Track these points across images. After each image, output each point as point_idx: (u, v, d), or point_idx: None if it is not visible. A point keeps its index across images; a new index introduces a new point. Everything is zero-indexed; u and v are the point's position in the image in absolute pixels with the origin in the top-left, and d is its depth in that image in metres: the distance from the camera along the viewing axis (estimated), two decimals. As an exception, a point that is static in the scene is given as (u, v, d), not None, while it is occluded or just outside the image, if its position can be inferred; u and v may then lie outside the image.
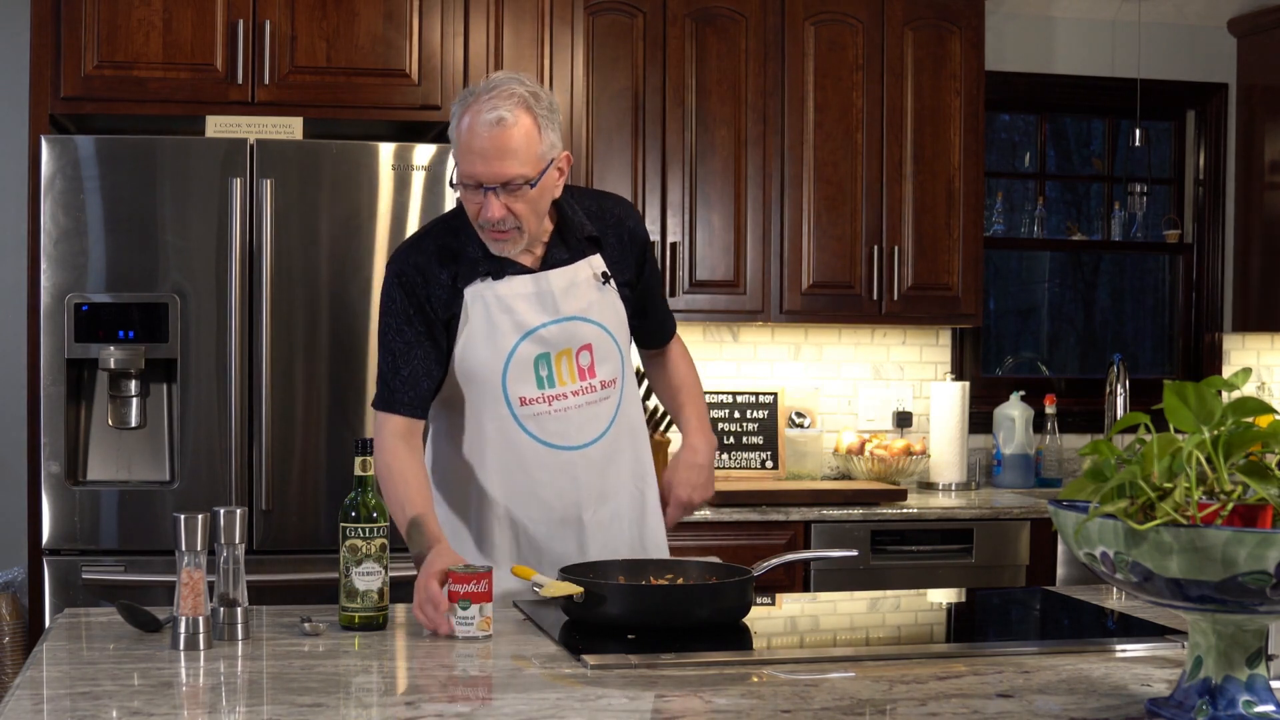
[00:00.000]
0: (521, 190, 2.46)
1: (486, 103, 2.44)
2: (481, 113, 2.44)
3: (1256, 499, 1.66)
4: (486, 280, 2.55)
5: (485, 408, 2.60)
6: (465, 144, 2.46)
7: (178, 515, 2.14)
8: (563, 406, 2.60)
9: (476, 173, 2.45)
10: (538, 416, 2.59)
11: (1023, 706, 1.84)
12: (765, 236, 4.47)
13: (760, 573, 2.43)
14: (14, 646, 3.92)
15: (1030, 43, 5.07)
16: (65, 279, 3.60)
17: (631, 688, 1.92)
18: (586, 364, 2.61)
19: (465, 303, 2.55)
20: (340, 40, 3.79)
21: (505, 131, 2.43)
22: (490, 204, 2.45)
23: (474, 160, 2.45)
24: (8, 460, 4.31)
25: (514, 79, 2.49)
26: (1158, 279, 5.41)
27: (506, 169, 2.44)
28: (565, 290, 2.58)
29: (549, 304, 2.57)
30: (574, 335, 2.60)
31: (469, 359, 2.57)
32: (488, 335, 2.55)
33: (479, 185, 2.45)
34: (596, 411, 2.63)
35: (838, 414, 4.88)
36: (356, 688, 1.93)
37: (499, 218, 2.46)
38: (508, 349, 2.55)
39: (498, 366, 2.56)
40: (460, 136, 2.47)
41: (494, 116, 2.43)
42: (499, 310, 2.55)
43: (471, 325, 2.55)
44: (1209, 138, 5.24)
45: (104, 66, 3.71)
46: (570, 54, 3.95)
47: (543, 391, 2.59)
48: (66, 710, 1.78)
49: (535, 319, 2.56)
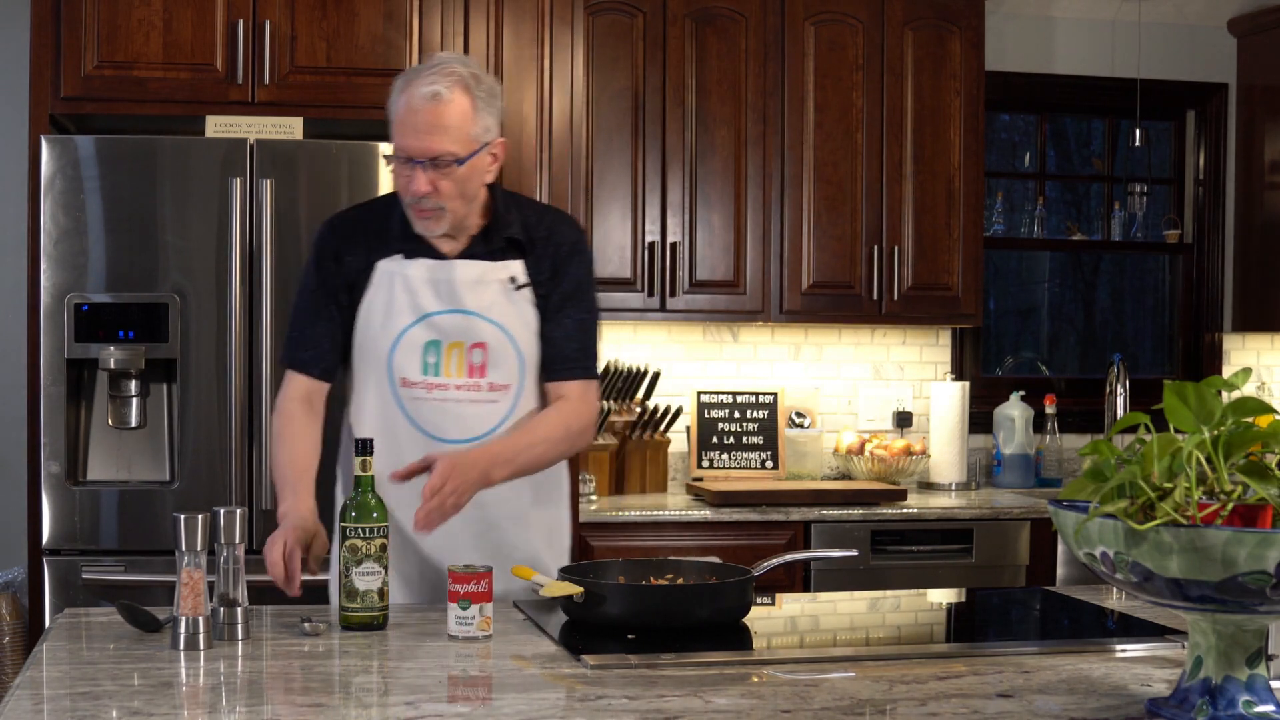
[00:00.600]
0: (450, 168, 2.48)
1: (426, 78, 2.48)
2: (419, 88, 2.47)
3: (1256, 499, 1.66)
4: (398, 258, 2.59)
5: (370, 382, 2.63)
6: (400, 118, 2.49)
7: (178, 515, 2.14)
8: (443, 397, 2.60)
9: (408, 146, 2.48)
10: (416, 401, 2.60)
11: (1023, 706, 1.84)
12: (765, 236, 4.47)
13: (760, 573, 2.43)
14: (14, 646, 3.92)
15: (1030, 43, 5.07)
16: (65, 279, 3.61)
17: (631, 688, 1.92)
18: (478, 362, 2.60)
19: (374, 275, 2.59)
20: (340, 40, 3.79)
21: (439, 107, 2.46)
22: (417, 178, 2.48)
23: (406, 134, 2.48)
24: (8, 460, 4.31)
25: (457, 59, 2.53)
26: (1158, 279, 5.41)
27: (436, 144, 2.47)
28: (470, 284, 2.58)
29: (446, 293, 2.58)
30: (468, 330, 2.59)
31: (364, 330, 2.61)
32: (385, 311, 2.59)
33: (409, 159, 2.48)
34: (480, 411, 2.60)
35: (838, 414, 4.88)
36: (356, 688, 1.93)
37: (425, 191, 2.48)
38: (400, 328, 2.58)
39: (387, 343, 2.59)
40: (396, 111, 2.50)
41: (430, 91, 2.46)
42: (401, 289, 2.58)
43: (373, 298, 2.59)
44: (1209, 138, 5.24)
45: (104, 66, 3.71)
46: (570, 54, 3.95)
47: (425, 378, 2.60)
48: (66, 710, 1.78)
49: (432, 305, 2.58)
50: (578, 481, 4.00)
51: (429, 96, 2.46)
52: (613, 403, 4.46)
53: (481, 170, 2.55)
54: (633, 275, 4.37)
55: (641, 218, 4.38)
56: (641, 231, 4.38)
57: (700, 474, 4.63)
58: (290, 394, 2.64)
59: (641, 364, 4.58)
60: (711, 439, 4.66)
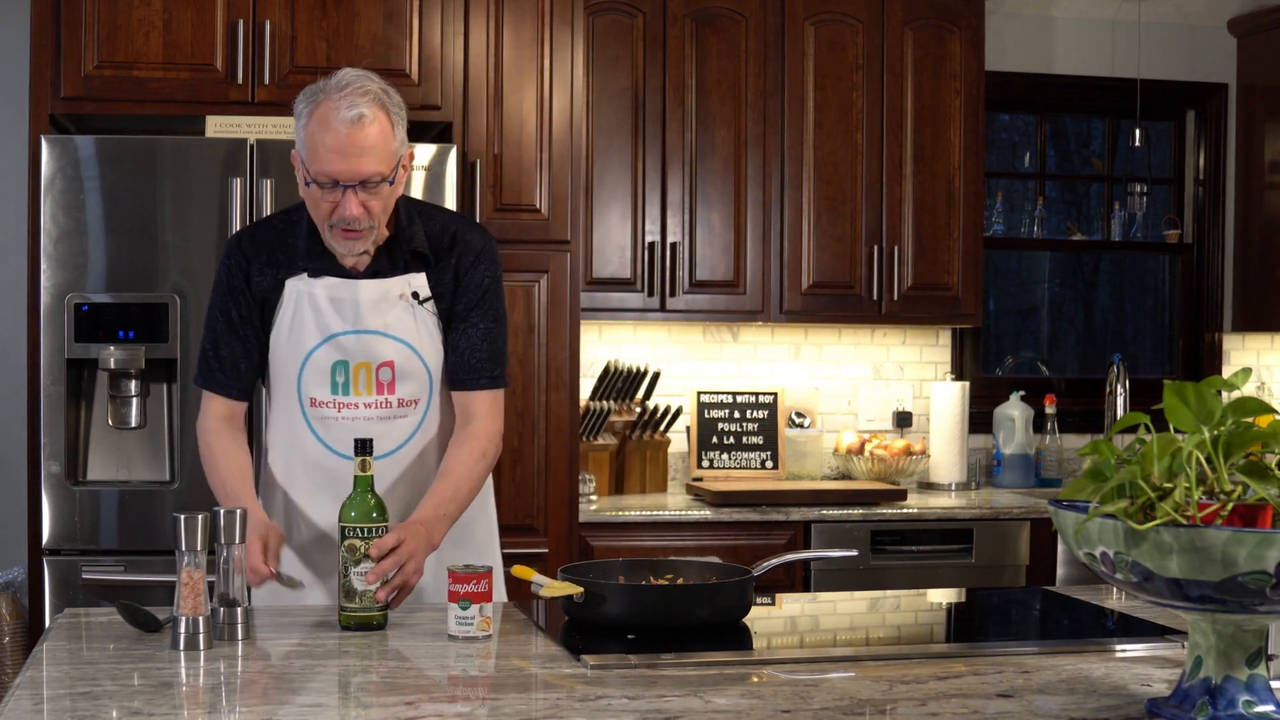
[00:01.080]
0: (379, 187, 2.46)
1: (343, 100, 2.43)
2: (339, 109, 2.42)
3: (1256, 499, 1.66)
4: (304, 276, 2.58)
5: (280, 401, 2.64)
6: (320, 142, 2.43)
7: (178, 515, 2.14)
8: (352, 416, 2.59)
9: (334, 171, 2.43)
10: (325, 421, 2.60)
11: (1023, 706, 1.84)
12: (765, 236, 4.47)
13: (760, 573, 2.43)
14: (14, 646, 3.92)
15: (1030, 43, 5.07)
16: (65, 279, 3.61)
17: (631, 688, 1.92)
18: (386, 380, 2.59)
19: (284, 294, 2.58)
20: (340, 40, 3.79)
21: (364, 129, 2.42)
22: (349, 202, 2.44)
23: (331, 158, 2.43)
24: (8, 460, 4.31)
25: (365, 75, 2.49)
26: (1158, 279, 5.41)
27: (365, 166, 2.43)
28: (372, 304, 2.57)
29: (349, 313, 2.57)
30: (373, 350, 2.58)
31: (274, 350, 2.60)
32: (292, 331, 2.58)
33: (335, 183, 2.44)
34: (390, 428, 2.59)
35: (838, 414, 4.88)
36: (356, 688, 1.93)
37: (356, 215, 2.46)
38: (307, 349, 2.57)
39: (295, 364, 2.58)
40: (313, 134, 2.44)
41: (354, 114, 2.42)
42: (308, 308, 2.57)
43: (282, 317, 2.59)
44: (1209, 138, 5.24)
45: (104, 66, 3.71)
46: (570, 54, 3.95)
47: (334, 398, 2.59)
48: (66, 710, 1.78)
49: (336, 325, 2.57)
50: (576, 482, 4.00)
51: (352, 120, 2.41)
52: (613, 403, 4.46)
53: (401, 184, 2.54)
54: (633, 275, 4.37)
55: (641, 218, 4.38)
56: (641, 231, 4.38)
57: (700, 474, 4.63)
58: (211, 414, 2.63)
59: (641, 364, 4.58)
60: (711, 439, 4.66)
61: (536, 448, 3.93)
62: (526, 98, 3.92)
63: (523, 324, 3.92)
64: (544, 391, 3.93)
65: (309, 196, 2.50)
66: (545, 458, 3.94)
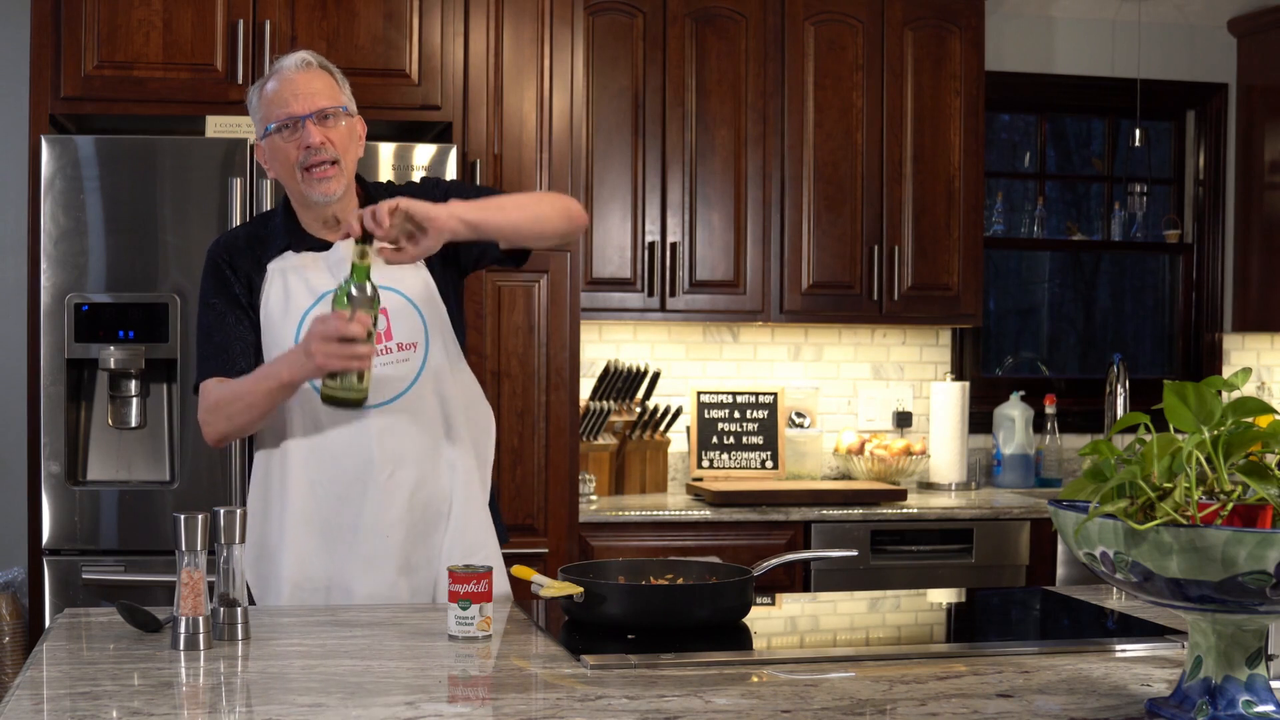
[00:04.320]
0: (336, 118, 2.58)
1: (288, 58, 2.61)
2: (285, 62, 2.60)
3: (1256, 499, 1.66)
4: (286, 254, 2.64)
5: None
6: (275, 93, 2.58)
7: (178, 515, 2.14)
8: None
9: (291, 109, 2.56)
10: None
11: (1023, 706, 1.84)
12: (765, 236, 4.47)
13: (760, 573, 2.43)
14: (14, 646, 3.92)
15: (1030, 43, 5.07)
16: (65, 279, 3.61)
17: (631, 688, 1.92)
18: (382, 328, 2.62)
19: (267, 275, 2.63)
20: (340, 40, 3.79)
21: (313, 72, 2.60)
22: (310, 131, 2.55)
23: (286, 101, 2.57)
24: (8, 460, 4.31)
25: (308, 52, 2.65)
26: (1158, 279, 5.41)
27: (319, 100, 2.58)
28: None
29: (339, 271, 2.61)
30: None
31: (269, 324, 2.63)
32: (284, 299, 2.62)
33: (294, 122, 2.55)
34: (392, 372, 2.62)
35: (838, 414, 4.88)
36: (356, 688, 1.93)
37: (319, 142, 2.55)
38: (302, 310, 2.60)
39: (291, 325, 2.60)
40: (267, 94, 2.60)
41: (299, 60, 2.60)
42: (296, 279, 2.62)
43: (271, 292, 2.62)
44: (1209, 138, 5.24)
45: (104, 66, 3.72)
46: (570, 54, 3.95)
47: None
48: (66, 710, 1.78)
49: (328, 283, 2.61)
50: (576, 482, 4.00)
51: (300, 65, 2.59)
52: (613, 403, 4.46)
53: (357, 137, 2.65)
54: (633, 275, 4.37)
55: (641, 218, 4.38)
56: (641, 231, 4.38)
57: (700, 474, 4.63)
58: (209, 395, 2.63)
59: (641, 364, 4.58)
60: (711, 439, 4.66)
61: (536, 448, 3.93)
62: (526, 98, 3.92)
63: (523, 324, 3.92)
64: (544, 391, 3.93)
65: (275, 150, 2.59)
66: (545, 458, 3.94)
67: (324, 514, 2.61)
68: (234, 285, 2.64)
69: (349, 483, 2.61)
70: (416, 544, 2.63)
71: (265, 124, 2.59)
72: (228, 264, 2.65)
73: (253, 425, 2.61)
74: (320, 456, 2.61)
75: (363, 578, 2.61)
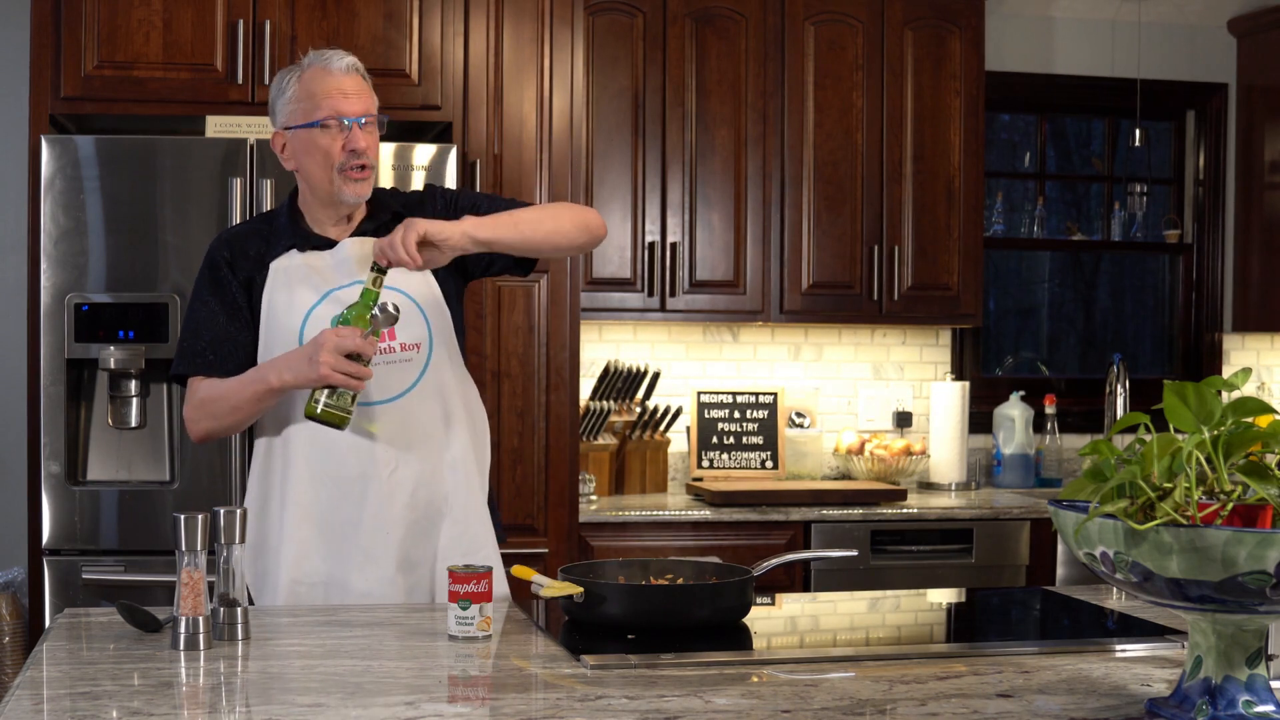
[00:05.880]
0: (373, 125, 2.63)
1: (332, 56, 2.62)
2: (332, 61, 2.61)
3: (1256, 499, 1.66)
4: (291, 253, 2.64)
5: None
6: (325, 86, 2.59)
7: (178, 515, 2.14)
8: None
9: (343, 108, 2.59)
10: None
11: (1023, 706, 1.84)
12: (765, 236, 4.47)
13: (760, 573, 2.43)
14: (14, 646, 3.92)
15: (1030, 43, 5.07)
16: (65, 279, 3.61)
17: (631, 688, 1.92)
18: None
19: (270, 274, 2.64)
20: (340, 40, 3.79)
21: (359, 76, 2.64)
22: (357, 135, 2.59)
23: (338, 100, 2.59)
24: (8, 460, 4.31)
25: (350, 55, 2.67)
26: (1158, 279, 5.41)
27: (370, 104, 2.63)
28: (363, 257, 2.63)
29: (346, 269, 2.62)
30: None
31: (269, 322, 2.63)
32: (288, 298, 2.62)
33: (341, 122, 2.58)
34: (396, 371, 2.63)
35: (838, 414, 4.88)
36: (356, 688, 1.93)
37: (365, 147, 2.60)
38: (307, 307, 2.61)
39: (295, 324, 2.61)
40: (311, 85, 2.60)
41: (349, 63, 2.63)
42: (299, 277, 2.63)
43: (272, 293, 2.63)
44: (1209, 138, 5.24)
45: (104, 66, 3.72)
46: (570, 54, 3.95)
47: None
48: (66, 710, 1.78)
49: (334, 282, 2.62)
50: (576, 482, 4.00)
51: (349, 67, 2.61)
52: (613, 403, 4.46)
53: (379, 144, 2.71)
54: (633, 275, 4.37)
55: (641, 218, 4.38)
56: (641, 231, 4.38)
57: (700, 474, 4.63)
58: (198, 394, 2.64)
59: (641, 364, 4.58)
60: (711, 439, 4.66)
61: (536, 448, 3.93)
62: (526, 98, 3.92)
63: (523, 324, 3.92)
64: (544, 391, 3.93)
65: (312, 144, 2.59)
66: (545, 458, 3.94)
67: (324, 509, 2.62)
68: (231, 285, 2.64)
69: (350, 478, 2.61)
70: (416, 542, 2.63)
71: (308, 117, 2.59)
72: (227, 263, 2.65)
73: (238, 426, 2.63)
74: (323, 448, 2.61)
75: (361, 574, 2.61)
